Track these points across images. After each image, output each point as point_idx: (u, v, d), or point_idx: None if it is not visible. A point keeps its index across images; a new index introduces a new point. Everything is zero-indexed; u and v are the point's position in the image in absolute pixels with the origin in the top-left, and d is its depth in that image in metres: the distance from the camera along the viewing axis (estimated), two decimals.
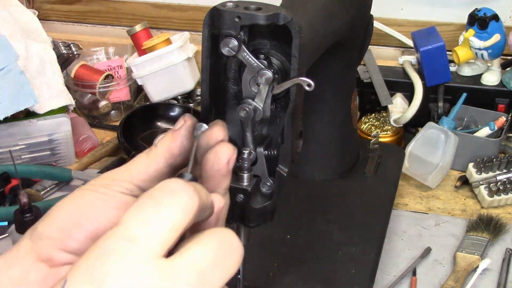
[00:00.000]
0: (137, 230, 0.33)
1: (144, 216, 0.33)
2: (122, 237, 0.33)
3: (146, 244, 0.32)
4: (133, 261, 0.32)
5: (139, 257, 0.32)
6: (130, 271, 0.31)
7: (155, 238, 0.33)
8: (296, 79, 0.47)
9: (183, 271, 0.33)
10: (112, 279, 0.31)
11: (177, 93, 1.25)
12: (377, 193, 0.86)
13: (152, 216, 0.33)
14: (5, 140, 1.04)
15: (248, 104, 0.49)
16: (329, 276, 0.71)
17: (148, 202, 0.34)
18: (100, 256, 0.32)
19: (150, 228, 0.33)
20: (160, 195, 0.34)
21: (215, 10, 0.47)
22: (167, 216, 0.34)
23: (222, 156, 0.41)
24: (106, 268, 0.31)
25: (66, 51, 1.23)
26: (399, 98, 1.13)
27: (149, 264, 0.32)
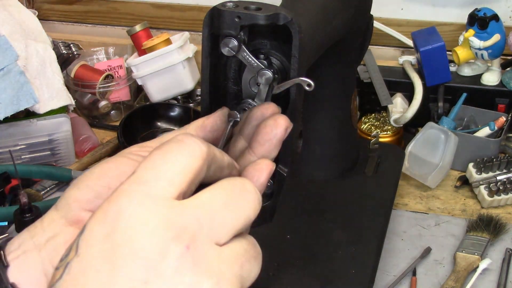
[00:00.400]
0: (147, 174, 0.34)
1: (153, 163, 0.34)
2: (133, 181, 0.33)
3: (156, 185, 0.33)
4: (144, 200, 0.33)
5: (149, 196, 0.33)
6: (141, 208, 0.32)
7: (165, 179, 0.34)
8: (296, 79, 0.47)
9: (194, 207, 0.33)
10: (124, 217, 0.32)
11: (177, 93, 1.25)
12: (377, 193, 0.86)
13: (161, 161, 0.34)
14: (5, 140, 1.04)
15: (248, 104, 0.49)
16: (329, 276, 0.71)
17: (157, 152, 0.35)
18: (113, 200, 0.33)
19: (159, 171, 0.34)
20: (168, 145, 0.35)
21: (215, 10, 0.47)
22: (176, 160, 0.34)
23: (281, 122, 0.42)
24: (118, 208, 0.32)
25: (66, 51, 1.23)
26: (399, 98, 1.13)
27: (159, 202, 0.33)
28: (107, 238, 0.32)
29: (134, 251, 0.31)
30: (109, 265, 0.31)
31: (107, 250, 0.32)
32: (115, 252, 0.31)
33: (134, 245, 0.31)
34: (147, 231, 0.32)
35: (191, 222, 0.32)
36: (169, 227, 0.32)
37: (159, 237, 0.31)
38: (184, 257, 0.32)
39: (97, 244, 0.32)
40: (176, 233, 0.32)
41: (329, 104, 0.85)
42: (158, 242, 0.31)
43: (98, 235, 0.32)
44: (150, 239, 0.31)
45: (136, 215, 0.32)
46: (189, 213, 0.33)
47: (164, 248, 0.31)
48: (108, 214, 0.32)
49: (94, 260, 0.32)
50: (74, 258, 0.32)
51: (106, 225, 0.32)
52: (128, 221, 0.32)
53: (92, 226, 0.33)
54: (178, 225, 0.32)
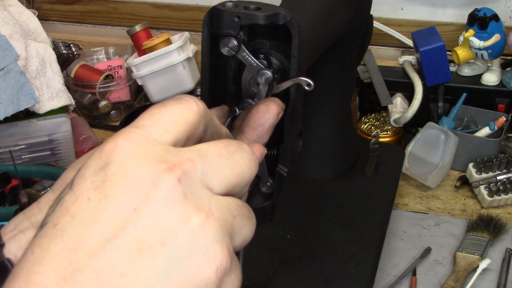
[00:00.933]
0: (144, 121, 0.34)
1: (151, 112, 0.35)
2: (130, 126, 0.34)
3: (152, 130, 0.34)
4: (139, 140, 0.33)
5: (145, 138, 0.33)
6: (136, 145, 0.33)
7: (161, 126, 0.34)
8: (296, 78, 0.47)
9: (188, 151, 0.33)
10: (119, 151, 0.32)
11: (177, 93, 1.25)
12: (377, 193, 0.86)
13: (158, 111, 0.35)
14: (5, 140, 1.04)
15: (248, 103, 0.49)
16: (329, 276, 0.71)
17: (156, 105, 0.36)
18: (109, 140, 0.33)
19: (156, 118, 0.34)
20: (167, 100, 0.36)
21: (214, 10, 0.47)
22: (173, 111, 0.35)
23: (273, 107, 0.43)
24: (114, 145, 0.33)
25: (66, 51, 1.22)
26: (399, 98, 1.13)
27: (154, 142, 0.33)
28: (100, 170, 0.32)
29: (126, 180, 0.32)
30: (100, 193, 0.31)
31: (99, 180, 0.32)
32: (107, 181, 0.32)
33: (126, 174, 0.32)
34: (140, 162, 0.32)
35: (184, 161, 0.33)
36: (161, 161, 0.32)
37: (151, 168, 0.32)
38: (175, 188, 0.32)
39: (90, 176, 0.32)
40: (168, 166, 0.32)
41: (329, 104, 0.85)
42: (150, 172, 0.32)
43: (92, 169, 0.33)
44: (143, 168, 0.32)
45: (130, 150, 0.32)
46: (183, 154, 0.33)
47: (156, 178, 0.32)
48: (103, 151, 0.33)
49: (87, 190, 0.32)
50: (69, 192, 0.32)
51: (101, 160, 0.33)
52: (123, 154, 0.32)
53: (88, 162, 0.33)
54: (171, 161, 0.32)
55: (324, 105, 0.84)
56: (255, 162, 0.36)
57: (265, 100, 0.44)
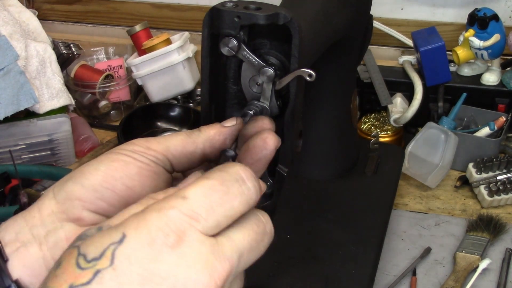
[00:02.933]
0: (201, 209, 0.34)
1: (210, 200, 0.35)
2: (186, 212, 0.34)
3: (204, 224, 0.34)
4: (189, 235, 0.33)
5: (195, 233, 0.34)
6: (185, 244, 0.33)
7: (215, 221, 0.35)
8: (298, 70, 0.47)
9: (228, 251, 0.34)
10: (173, 251, 0.33)
11: (177, 93, 1.25)
12: (377, 193, 0.86)
13: (218, 202, 0.35)
14: (5, 140, 1.04)
15: (254, 106, 0.48)
16: (329, 276, 0.71)
17: (217, 187, 0.35)
18: (163, 226, 0.33)
19: (213, 211, 0.35)
20: (230, 181, 0.36)
21: (214, 10, 0.47)
22: (231, 205, 0.35)
23: (271, 142, 0.43)
24: (168, 240, 0.33)
25: (66, 51, 1.22)
26: (399, 98, 1.13)
27: (202, 240, 0.34)
28: (149, 264, 0.32)
29: None
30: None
31: (147, 277, 0.32)
32: (154, 282, 0.32)
33: (175, 284, 0.32)
34: (190, 276, 0.32)
35: (225, 267, 0.34)
36: (211, 275, 0.33)
37: (199, 284, 0.33)
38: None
39: (138, 266, 0.32)
40: (215, 283, 0.33)
41: (329, 104, 0.85)
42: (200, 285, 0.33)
43: (140, 256, 0.32)
44: (191, 284, 0.32)
45: (183, 254, 0.33)
46: (226, 258, 0.34)
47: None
48: (155, 240, 0.33)
49: (132, 281, 0.31)
50: (109, 268, 0.32)
51: (151, 250, 0.32)
52: (175, 256, 0.33)
53: (134, 241, 0.33)
54: (218, 274, 0.33)
55: (324, 105, 0.84)
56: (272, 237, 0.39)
57: (262, 133, 0.44)
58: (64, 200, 0.40)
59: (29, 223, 0.40)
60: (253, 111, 0.48)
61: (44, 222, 0.40)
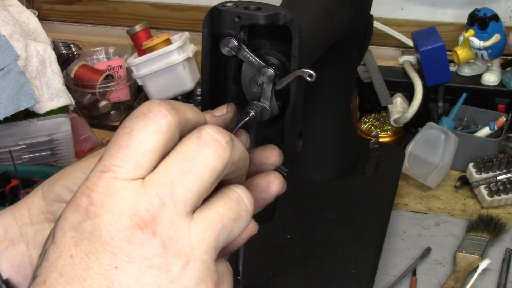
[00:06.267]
0: (110, 160, 0.34)
1: (117, 147, 0.35)
2: (100, 169, 0.34)
3: (118, 170, 0.34)
4: (110, 188, 0.33)
5: (115, 183, 0.33)
6: (107, 197, 0.33)
7: (128, 163, 0.34)
8: (298, 71, 0.47)
9: (154, 184, 0.34)
10: (93, 206, 0.33)
11: (177, 93, 1.25)
12: (377, 193, 0.86)
13: (124, 144, 0.35)
14: (5, 140, 1.04)
15: (255, 106, 0.48)
16: (329, 276, 0.71)
17: (119, 132, 0.36)
18: (83, 190, 0.34)
19: (124, 155, 0.34)
20: (130, 121, 0.36)
21: (214, 10, 0.47)
22: (139, 140, 0.35)
23: (274, 188, 0.43)
24: (87, 198, 0.34)
25: (66, 51, 1.22)
26: (399, 98, 1.13)
27: (124, 187, 0.33)
28: (79, 225, 0.33)
29: (103, 239, 0.32)
30: (81, 251, 0.33)
31: (79, 236, 0.33)
32: (85, 238, 0.33)
33: (102, 233, 0.33)
34: (113, 220, 0.33)
35: (154, 203, 0.33)
36: (133, 214, 0.33)
37: (124, 225, 0.33)
38: (151, 242, 0.32)
39: (70, 231, 0.33)
40: (140, 219, 0.33)
41: (329, 104, 0.85)
42: (124, 230, 0.32)
43: (71, 223, 0.34)
44: (116, 227, 0.33)
45: (103, 204, 0.33)
46: (152, 193, 0.33)
47: (130, 235, 0.32)
48: (80, 204, 0.34)
49: (68, 246, 0.33)
50: (52, 244, 0.34)
51: (78, 214, 0.34)
52: (97, 210, 0.33)
53: (66, 214, 0.34)
54: (142, 210, 0.33)
55: (324, 105, 0.84)
56: (223, 148, 0.35)
57: (269, 175, 0.43)
58: (52, 202, 0.42)
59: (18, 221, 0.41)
60: (253, 111, 0.48)
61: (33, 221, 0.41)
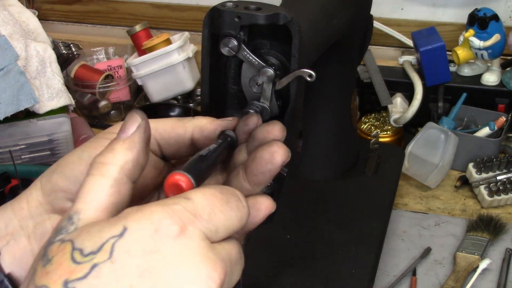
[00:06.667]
0: (203, 210, 0.34)
1: (212, 204, 0.34)
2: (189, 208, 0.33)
3: (205, 224, 0.33)
4: (191, 229, 0.33)
5: (199, 231, 0.33)
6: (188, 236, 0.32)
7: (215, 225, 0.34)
8: (298, 71, 0.47)
9: (224, 254, 0.34)
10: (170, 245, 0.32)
11: (177, 93, 1.25)
12: (377, 193, 0.86)
13: (219, 208, 0.34)
14: (5, 140, 1.04)
15: (255, 106, 0.48)
16: (329, 276, 0.71)
17: (219, 195, 0.35)
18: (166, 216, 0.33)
19: (214, 215, 0.34)
20: (229, 194, 0.36)
21: (215, 10, 0.47)
22: (230, 215, 0.35)
23: (278, 158, 0.41)
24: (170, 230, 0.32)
25: (66, 51, 1.22)
26: (399, 98, 1.13)
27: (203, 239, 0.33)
28: (150, 255, 0.31)
29: (175, 282, 0.31)
30: (146, 285, 0.30)
31: (147, 268, 0.31)
32: (155, 274, 0.31)
33: (177, 275, 0.31)
34: (193, 266, 0.32)
35: (226, 268, 0.33)
36: (214, 268, 0.32)
37: (203, 275, 0.31)
38: None
39: (138, 258, 0.31)
40: (218, 277, 0.32)
41: (329, 104, 0.85)
42: (201, 280, 0.31)
43: (140, 248, 0.31)
44: (194, 275, 0.31)
45: (185, 245, 0.32)
46: (224, 259, 0.33)
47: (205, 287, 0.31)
48: (158, 230, 0.32)
49: (131, 274, 0.30)
50: (107, 261, 0.30)
51: (152, 241, 0.31)
52: (177, 247, 0.32)
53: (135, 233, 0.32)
54: (219, 268, 0.32)
55: (324, 105, 0.84)
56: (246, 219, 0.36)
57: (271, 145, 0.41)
58: (50, 192, 0.40)
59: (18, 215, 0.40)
60: (253, 111, 0.48)
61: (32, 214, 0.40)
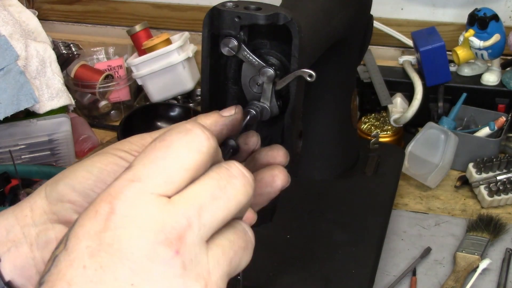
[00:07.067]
0: (143, 170, 0.33)
1: (152, 157, 0.33)
2: (127, 178, 0.33)
3: (151, 183, 0.32)
4: (136, 199, 0.32)
5: (142, 195, 0.32)
6: (133, 208, 0.32)
7: (162, 176, 0.32)
8: (298, 71, 0.47)
9: (184, 205, 0.32)
10: (115, 215, 0.32)
11: (177, 93, 1.25)
12: (377, 193, 0.86)
13: (161, 155, 0.33)
14: (5, 140, 1.04)
15: (255, 106, 0.48)
16: (329, 276, 0.71)
17: (157, 144, 0.34)
18: (105, 197, 0.32)
19: (158, 166, 0.33)
20: (172, 135, 0.34)
21: (215, 10, 0.47)
22: (178, 154, 0.33)
23: (278, 182, 0.42)
24: (110, 206, 0.32)
25: (66, 51, 1.22)
26: (399, 98, 1.13)
27: (151, 201, 0.32)
28: (96, 235, 0.31)
29: (122, 252, 0.31)
30: (96, 262, 0.31)
31: (95, 247, 0.31)
32: (103, 250, 0.31)
33: (122, 246, 0.31)
34: (136, 233, 0.31)
35: (181, 222, 0.32)
36: (159, 230, 0.31)
37: (148, 240, 0.31)
38: (173, 262, 0.31)
39: (86, 240, 0.31)
40: (165, 236, 0.31)
41: (329, 104, 0.85)
42: (147, 246, 0.31)
43: (88, 231, 0.32)
44: (139, 241, 0.31)
45: (126, 215, 0.32)
46: (180, 213, 0.32)
47: (153, 252, 0.31)
48: (99, 211, 0.32)
49: (82, 256, 0.31)
50: (63, 251, 0.32)
51: (96, 222, 0.32)
52: (119, 220, 0.31)
53: (83, 221, 0.32)
54: (168, 228, 0.31)
55: (324, 105, 0.84)
56: (250, 185, 0.35)
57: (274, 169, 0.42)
58: (55, 201, 0.40)
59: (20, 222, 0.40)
60: (253, 111, 0.48)
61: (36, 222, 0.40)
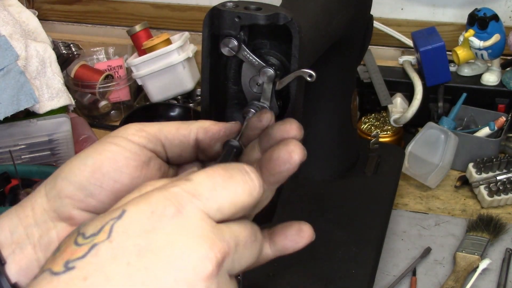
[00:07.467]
0: (203, 189, 0.34)
1: (214, 181, 0.34)
2: (188, 190, 0.33)
3: (205, 202, 0.33)
4: (193, 212, 0.33)
5: (199, 212, 0.33)
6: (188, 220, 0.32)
7: (217, 202, 0.34)
8: (298, 71, 0.47)
9: (227, 234, 0.34)
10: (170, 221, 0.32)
11: (177, 93, 1.25)
12: (377, 193, 0.86)
13: (222, 185, 0.34)
14: (5, 140, 1.04)
15: (255, 106, 0.48)
16: (329, 276, 0.71)
17: (221, 172, 0.35)
18: (161, 199, 0.33)
19: (216, 193, 0.34)
20: (234, 170, 0.35)
21: (215, 10, 0.47)
22: (235, 190, 0.35)
23: (296, 157, 0.41)
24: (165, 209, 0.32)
25: (66, 51, 1.22)
26: (399, 98, 1.13)
27: (202, 217, 0.33)
28: (147, 235, 0.31)
29: (171, 259, 0.31)
30: (141, 263, 0.30)
31: (144, 247, 0.31)
32: (151, 251, 0.31)
33: (172, 251, 0.31)
34: (189, 245, 0.31)
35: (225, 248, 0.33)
36: (210, 247, 0.32)
37: (199, 255, 0.31)
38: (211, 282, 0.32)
39: (135, 238, 0.31)
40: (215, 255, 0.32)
41: (329, 104, 0.85)
42: (197, 259, 0.31)
43: (138, 228, 0.31)
44: (190, 253, 0.31)
45: (181, 224, 0.32)
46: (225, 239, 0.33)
47: (201, 267, 0.31)
48: (155, 211, 0.32)
49: (128, 253, 0.31)
50: (105, 241, 0.31)
51: (149, 222, 0.32)
52: (173, 227, 0.32)
53: (133, 215, 0.32)
54: (218, 247, 0.32)
55: (324, 105, 0.84)
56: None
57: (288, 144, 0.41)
58: (54, 198, 0.40)
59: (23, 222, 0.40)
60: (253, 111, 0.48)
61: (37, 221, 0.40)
